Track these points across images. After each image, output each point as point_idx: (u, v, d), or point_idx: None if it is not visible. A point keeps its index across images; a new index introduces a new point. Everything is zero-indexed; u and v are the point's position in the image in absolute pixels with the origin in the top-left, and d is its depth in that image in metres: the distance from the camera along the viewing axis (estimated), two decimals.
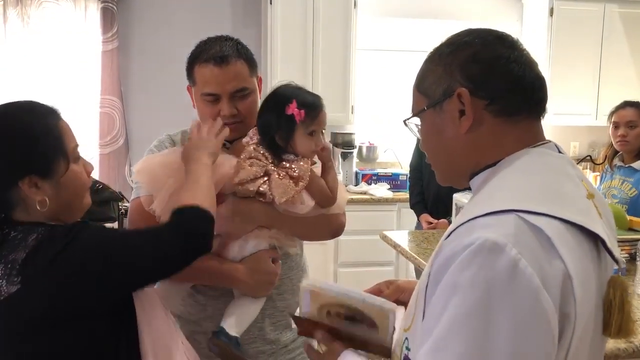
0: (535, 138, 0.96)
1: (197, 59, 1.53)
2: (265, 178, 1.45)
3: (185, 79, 1.61)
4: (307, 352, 1.19)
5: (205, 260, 1.34)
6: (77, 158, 1.23)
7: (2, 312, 1.10)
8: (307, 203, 1.49)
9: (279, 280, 1.56)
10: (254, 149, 1.48)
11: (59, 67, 4.15)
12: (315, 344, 1.24)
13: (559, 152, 0.96)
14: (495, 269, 0.77)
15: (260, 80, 1.64)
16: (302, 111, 1.46)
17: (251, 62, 1.58)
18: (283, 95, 1.49)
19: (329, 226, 1.58)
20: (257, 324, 1.56)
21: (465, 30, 0.99)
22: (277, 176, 1.44)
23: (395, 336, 1.07)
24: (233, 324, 1.47)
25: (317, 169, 1.54)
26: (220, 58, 1.50)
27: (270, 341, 1.60)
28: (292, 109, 1.45)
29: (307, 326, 1.16)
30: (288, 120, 1.46)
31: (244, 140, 1.51)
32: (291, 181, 1.44)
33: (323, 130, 1.54)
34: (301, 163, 1.47)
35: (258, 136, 1.50)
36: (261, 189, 1.43)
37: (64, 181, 1.19)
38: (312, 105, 1.50)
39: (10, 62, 4.07)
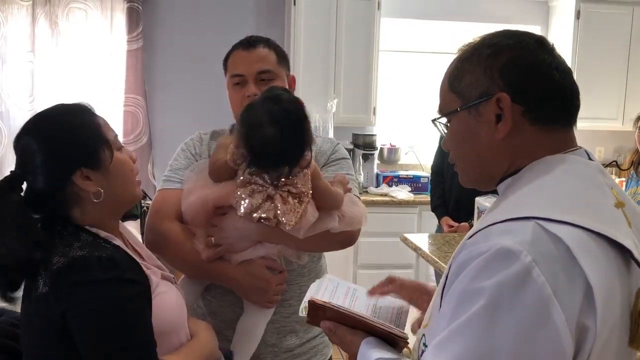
0: (567, 145, 0.94)
1: (231, 50, 1.64)
2: (268, 202, 1.39)
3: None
4: (328, 336, 1.17)
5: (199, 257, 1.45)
6: (120, 147, 1.27)
7: (36, 308, 1.13)
8: (310, 215, 1.42)
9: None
10: (249, 173, 1.40)
11: (84, 65, 4.21)
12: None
13: (590, 158, 0.94)
14: (506, 275, 0.77)
15: (293, 80, 1.69)
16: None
17: (280, 54, 1.64)
18: (290, 108, 1.39)
19: (335, 238, 1.51)
20: None
21: (503, 31, 0.97)
22: (280, 199, 1.38)
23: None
24: (243, 350, 1.50)
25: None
26: (248, 42, 1.61)
27: (271, 344, 1.59)
28: (301, 108, 1.41)
29: (320, 313, 1.14)
30: (308, 122, 1.41)
31: (228, 159, 1.43)
32: (295, 200, 1.39)
33: None
34: (301, 175, 1.41)
35: (244, 157, 1.41)
36: (263, 215, 1.38)
37: (113, 169, 1.22)
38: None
39: (38, 61, 4.13)
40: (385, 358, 1.00)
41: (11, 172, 1.20)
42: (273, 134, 1.34)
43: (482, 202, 2.76)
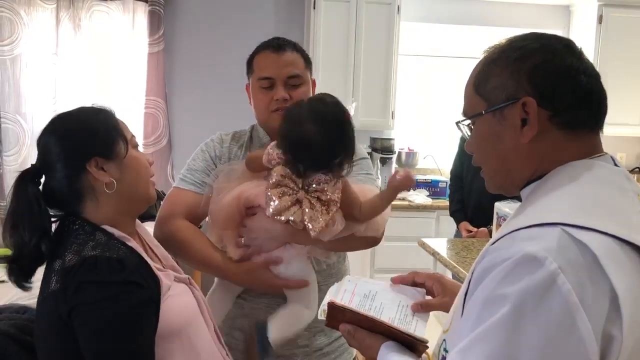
0: (593, 151, 0.93)
1: (257, 50, 1.63)
2: (296, 206, 1.40)
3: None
4: (347, 339, 1.17)
5: (210, 253, 1.51)
6: (135, 146, 1.31)
7: (48, 305, 1.15)
8: (338, 224, 1.43)
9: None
10: (282, 175, 1.41)
11: (106, 68, 4.26)
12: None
13: (615, 164, 0.93)
14: (531, 282, 0.76)
15: (314, 83, 1.69)
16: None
17: (306, 58, 1.64)
18: (336, 111, 1.43)
19: (362, 239, 1.54)
20: None
21: (530, 34, 0.96)
22: (308, 204, 1.39)
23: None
24: (279, 325, 1.48)
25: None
26: (278, 45, 1.60)
27: (302, 345, 1.62)
28: (348, 115, 1.43)
29: (339, 316, 1.14)
30: (352, 129, 1.44)
31: (264, 159, 1.46)
32: (323, 207, 1.40)
33: None
34: (332, 183, 1.41)
35: (282, 156, 1.43)
36: (291, 218, 1.39)
37: (127, 163, 1.25)
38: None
39: (61, 62, 4.19)
40: None
41: (32, 165, 1.24)
42: (316, 130, 1.38)
43: (502, 207, 2.74)
